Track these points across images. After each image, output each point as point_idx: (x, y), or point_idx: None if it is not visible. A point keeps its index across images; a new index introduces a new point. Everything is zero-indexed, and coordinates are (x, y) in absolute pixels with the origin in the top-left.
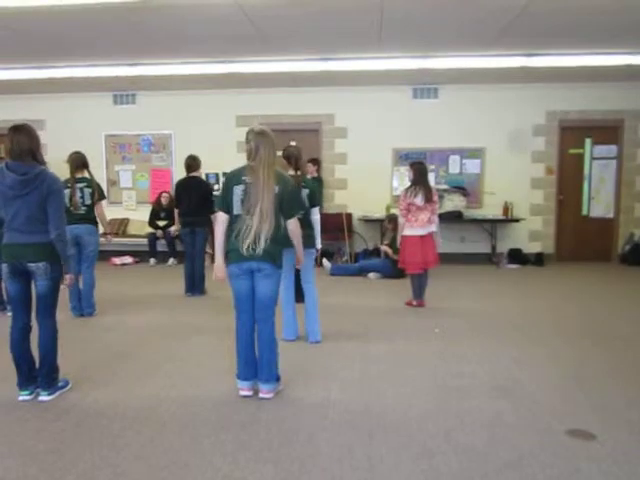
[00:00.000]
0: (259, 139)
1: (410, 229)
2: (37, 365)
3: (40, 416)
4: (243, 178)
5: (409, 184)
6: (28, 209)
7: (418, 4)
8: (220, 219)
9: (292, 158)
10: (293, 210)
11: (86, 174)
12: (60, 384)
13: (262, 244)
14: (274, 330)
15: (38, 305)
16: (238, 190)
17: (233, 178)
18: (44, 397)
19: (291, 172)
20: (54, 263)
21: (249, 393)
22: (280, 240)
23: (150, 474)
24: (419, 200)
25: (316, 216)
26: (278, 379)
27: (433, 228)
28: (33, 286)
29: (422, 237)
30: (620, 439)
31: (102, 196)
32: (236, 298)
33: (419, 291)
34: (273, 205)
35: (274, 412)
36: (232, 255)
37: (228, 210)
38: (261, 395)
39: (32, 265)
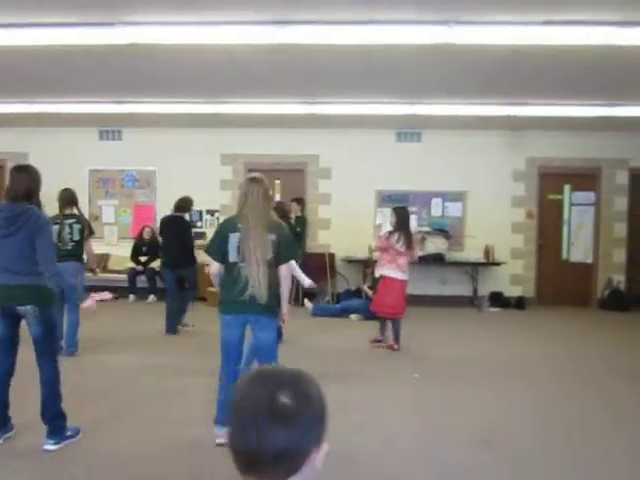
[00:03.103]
0: (249, 186)
1: (392, 271)
2: (40, 411)
3: (7, 464)
4: (239, 226)
5: (391, 229)
6: (16, 247)
7: (403, 56)
8: (214, 270)
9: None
10: (289, 256)
11: (75, 211)
12: (68, 433)
13: (262, 293)
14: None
15: (35, 348)
16: (234, 238)
17: (229, 225)
18: (49, 446)
19: None
20: (43, 306)
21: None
22: (276, 289)
23: None
24: (400, 246)
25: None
26: None
27: (407, 276)
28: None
29: (402, 282)
30: None
31: (91, 232)
32: (225, 346)
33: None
34: (267, 253)
35: None
36: (228, 306)
37: (223, 259)
38: None
39: (21, 308)
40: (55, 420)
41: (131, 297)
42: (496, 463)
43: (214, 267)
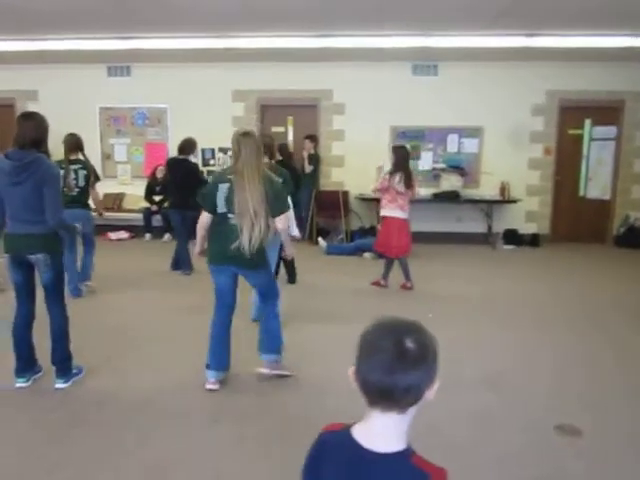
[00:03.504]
0: (242, 140)
1: (393, 211)
2: (50, 352)
3: (37, 405)
4: (229, 177)
5: (392, 168)
6: (25, 197)
7: None
8: (203, 220)
9: (265, 147)
10: (281, 208)
11: (80, 156)
12: (74, 371)
13: (249, 247)
14: (277, 306)
15: (45, 294)
16: (223, 187)
17: (219, 177)
18: (60, 385)
19: (265, 160)
20: (54, 253)
21: (215, 387)
22: (263, 241)
23: (146, 469)
24: (401, 187)
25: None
26: (278, 353)
27: (407, 215)
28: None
29: (404, 221)
30: (607, 436)
31: (97, 178)
32: (217, 291)
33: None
34: (262, 206)
35: (268, 404)
36: (214, 257)
37: (214, 209)
38: (260, 370)
39: (32, 257)
40: (64, 362)
41: (147, 236)
42: (502, 404)
43: (205, 218)
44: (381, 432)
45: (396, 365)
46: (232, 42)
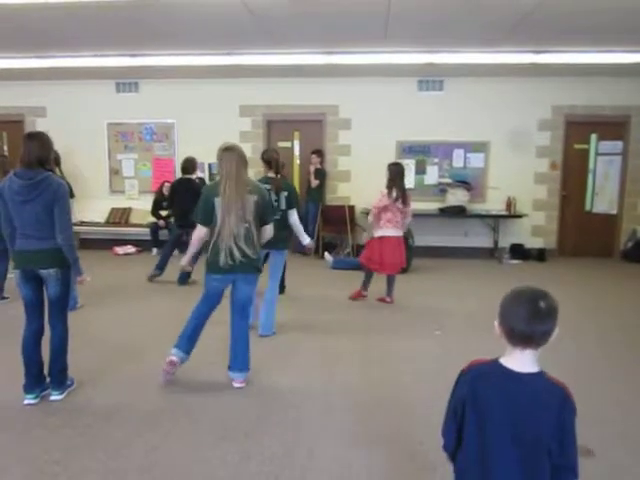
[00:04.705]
0: (223, 154)
1: (393, 229)
2: (48, 365)
3: (46, 423)
4: (220, 189)
5: (388, 184)
6: (36, 214)
7: (424, 2)
8: (201, 234)
9: (272, 162)
10: (270, 217)
11: (57, 172)
12: (68, 382)
13: (245, 253)
14: (249, 325)
15: (50, 308)
16: (219, 201)
17: (212, 191)
18: (56, 397)
19: (271, 175)
20: (65, 268)
21: (177, 360)
22: (258, 247)
23: None
24: (399, 204)
25: (294, 216)
26: (249, 369)
27: (401, 233)
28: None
29: (401, 238)
30: (617, 456)
31: (72, 195)
32: (207, 294)
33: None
34: (250, 214)
35: (277, 421)
36: (217, 267)
37: (209, 222)
38: (236, 385)
39: (44, 272)
40: (61, 373)
41: (154, 250)
42: None
43: (201, 231)
44: (523, 361)
45: (534, 319)
46: (239, 59)
